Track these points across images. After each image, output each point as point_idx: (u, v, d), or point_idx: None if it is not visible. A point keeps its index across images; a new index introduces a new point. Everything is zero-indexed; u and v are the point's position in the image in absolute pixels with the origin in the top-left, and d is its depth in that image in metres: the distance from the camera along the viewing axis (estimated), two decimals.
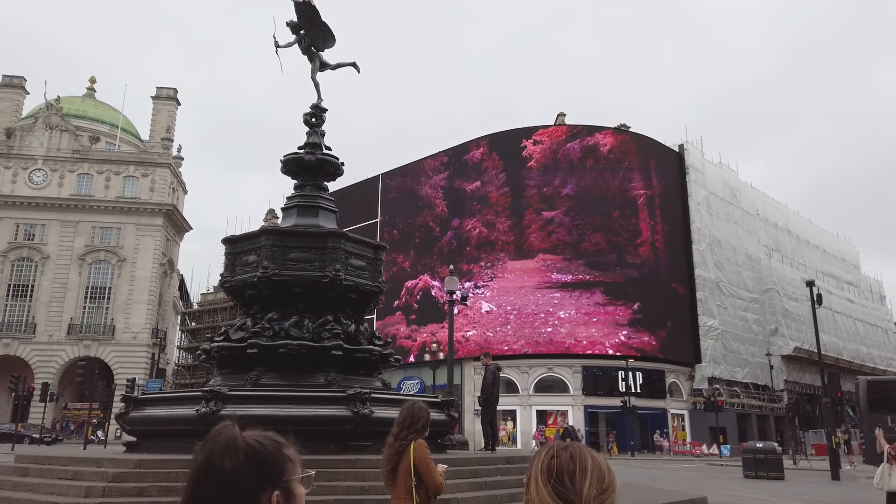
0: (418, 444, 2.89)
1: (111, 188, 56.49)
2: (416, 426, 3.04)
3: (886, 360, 76.80)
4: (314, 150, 12.40)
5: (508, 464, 9.80)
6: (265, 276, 10.67)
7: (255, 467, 1.36)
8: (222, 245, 11.61)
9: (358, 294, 11.42)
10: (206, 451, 1.38)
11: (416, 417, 3.08)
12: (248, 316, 11.24)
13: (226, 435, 1.40)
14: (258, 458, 1.38)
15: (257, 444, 1.40)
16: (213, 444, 1.39)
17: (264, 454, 1.39)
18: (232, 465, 1.35)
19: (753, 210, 61.07)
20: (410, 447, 2.93)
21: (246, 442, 1.40)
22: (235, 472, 1.34)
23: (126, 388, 36.53)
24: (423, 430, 3.02)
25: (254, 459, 1.37)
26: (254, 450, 1.39)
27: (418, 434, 2.98)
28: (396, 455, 2.73)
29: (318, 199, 12.24)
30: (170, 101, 62.35)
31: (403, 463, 2.88)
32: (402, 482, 2.81)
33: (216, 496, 1.33)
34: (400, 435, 2.90)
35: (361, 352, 10.94)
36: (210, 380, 11.17)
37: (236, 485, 1.34)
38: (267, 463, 1.39)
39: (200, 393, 9.16)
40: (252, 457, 1.37)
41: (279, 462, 1.41)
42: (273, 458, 1.40)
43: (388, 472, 2.82)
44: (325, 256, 10.98)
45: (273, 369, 10.46)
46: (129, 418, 10.06)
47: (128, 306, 54.58)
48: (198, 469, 1.37)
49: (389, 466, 2.75)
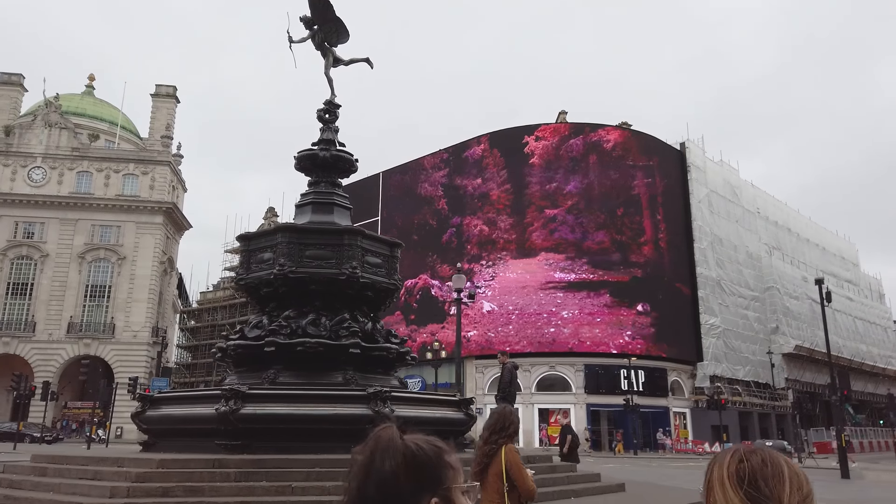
0: (510, 449, 2.80)
1: (111, 186, 56.23)
2: (507, 430, 2.94)
3: (886, 359, 76.94)
4: (328, 146, 12.29)
5: (528, 462, 9.69)
6: (282, 274, 10.57)
7: (413, 471, 1.31)
8: (237, 242, 11.49)
9: (374, 292, 11.32)
10: (368, 452, 1.35)
11: (507, 422, 2.98)
12: (263, 314, 11.12)
13: (386, 436, 1.37)
14: (417, 462, 1.32)
15: (416, 448, 1.34)
16: (373, 444, 1.36)
17: (423, 458, 1.33)
18: (391, 467, 1.30)
19: (754, 208, 61.09)
20: (501, 451, 2.83)
21: (405, 444, 1.35)
22: (394, 474, 1.30)
23: (129, 386, 36.38)
24: (514, 434, 2.93)
25: (413, 463, 1.32)
26: (412, 453, 1.33)
27: (509, 438, 2.89)
28: (486, 458, 2.64)
29: (333, 195, 12.13)
30: (169, 98, 62.08)
31: (494, 467, 2.78)
32: (493, 486, 2.71)
33: (375, 497, 1.30)
34: (490, 439, 2.80)
35: (379, 350, 10.84)
36: (226, 378, 11.04)
37: (394, 488, 1.30)
38: (426, 468, 1.33)
39: (219, 391, 9.05)
40: (411, 460, 1.32)
41: (439, 468, 1.33)
42: (433, 463, 1.33)
43: (477, 475, 2.73)
44: (341, 254, 10.87)
45: (290, 367, 10.36)
46: (145, 417, 9.95)
47: (128, 305, 54.34)
48: (359, 469, 1.34)
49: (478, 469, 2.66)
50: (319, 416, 9.01)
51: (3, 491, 7.80)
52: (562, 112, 53.55)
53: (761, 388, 54.71)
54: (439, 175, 54.65)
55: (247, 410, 8.86)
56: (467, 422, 10.69)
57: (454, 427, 10.59)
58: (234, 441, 8.89)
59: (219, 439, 8.93)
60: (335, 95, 12.86)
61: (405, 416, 9.39)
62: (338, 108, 12.81)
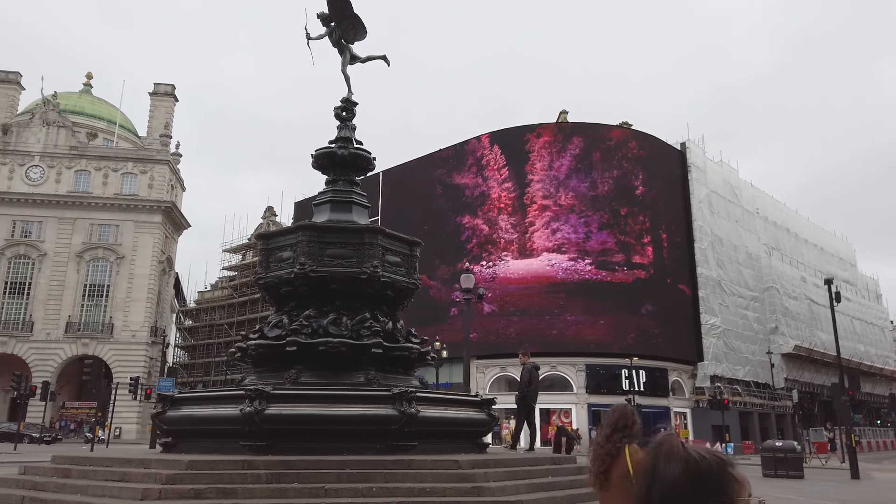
0: (635, 449, 2.70)
1: (109, 185, 55.99)
2: (630, 429, 2.84)
3: (883, 359, 77.24)
4: (346, 144, 12.18)
5: (555, 464, 9.62)
6: (302, 273, 10.44)
7: (695, 480, 1.36)
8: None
9: (394, 291, 11.22)
10: (652, 458, 1.44)
11: (630, 420, 2.88)
12: (282, 313, 10.99)
13: (668, 444, 1.44)
14: (699, 471, 1.37)
15: (699, 457, 1.40)
16: (657, 451, 1.44)
17: (706, 468, 1.38)
18: (672, 473, 1.37)
19: (753, 208, 61.19)
20: (626, 451, 2.72)
21: (687, 453, 1.41)
22: (675, 481, 1.36)
23: (130, 386, 36.18)
24: (638, 433, 2.82)
25: (694, 471, 1.37)
26: (695, 461, 1.39)
27: (632, 437, 2.79)
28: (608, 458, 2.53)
29: (352, 194, 12.03)
30: (168, 97, 61.84)
31: (619, 468, 2.68)
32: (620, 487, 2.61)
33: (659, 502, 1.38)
34: (612, 437, 2.69)
35: (400, 350, 10.73)
36: (245, 378, 10.92)
37: (676, 495, 1.36)
38: (708, 477, 1.37)
39: (243, 391, 8.92)
40: (693, 468, 1.38)
41: (722, 479, 1.37)
42: (715, 473, 1.37)
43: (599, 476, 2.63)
44: (362, 252, 10.76)
45: (312, 367, 10.24)
46: (166, 417, 9.81)
47: (126, 304, 54.11)
48: (644, 474, 1.43)
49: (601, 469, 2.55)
50: (344, 416, 8.90)
51: (27, 493, 7.67)
52: (563, 112, 53.50)
53: (761, 388, 54.80)
54: (439, 174, 54.50)
55: (272, 411, 8.74)
56: (489, 422, 10.59)
57: (477, 428, 10.50)
58: (258, 442, 8.77)
59: (243, 440, 8.81)
60: (352, 93, 12.75)
61: (430, 417, 9.31)
62: (355, 105, 12.71)
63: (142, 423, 53.75)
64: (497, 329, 46.32)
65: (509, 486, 7.53)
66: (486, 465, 8.23)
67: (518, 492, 7.45)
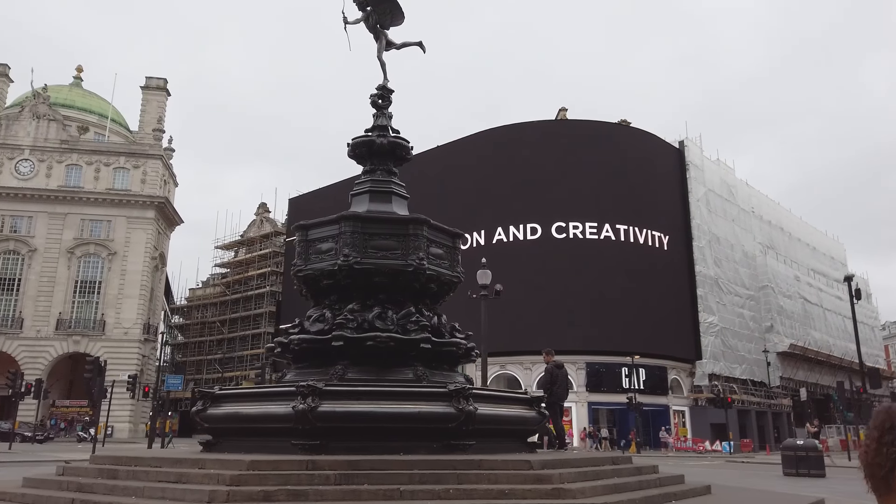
0: None
1: (101, 180, 55.06)
2: None
3: (873, 357, 77.76)
4: (384, 132, 11.76)
5: (615, 464, 9.27)
6: (346, 265, 10.02)
7: None
8: (296, 231, 10.93)
9: (438, 284, 10.82)
10: None
11: None
12: (323, 307, 10.55)
13: None
14: None
15: None
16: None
17: None
18: None
19: (749, 207, 61.34)
20: None
21: None
22: None
23: (128, 384, 35.50)
24: None
25: None
26: None
27: None
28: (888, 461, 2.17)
29: (391, 184, 11.60)
30: (159, 91, 60.94)
31: None
32: None
33: None
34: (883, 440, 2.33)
35: (448, 345, 10.34)
36: (286, 375, 10.48)
37: None
38: None
39: (294, 388, 8.48)
40: None
41: None
42: None
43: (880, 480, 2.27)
44: (406, 244, 10.35)
45: (357, 363, 9.83)
46: (207, 415, 9.36)
47: (118, 301, 53.24)
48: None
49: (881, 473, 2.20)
50: (400, 414, 8.50)
51: (75, 495, 7.20)
52: (561, 109, 53.31)
53: (757, 386, 54.95)
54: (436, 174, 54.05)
55: (325, 408, 8.32)
56: (539, 421, 10.23)
57: (529, 426, 10.14)
58: (311, 440, 8.35)
59: (295, 439, 8.39)
60: (388, 80, 12.33)
61: (486, 415, 8.93)
62: (391, 93, 12.28)
63: (134, 421, 52.98)
64: (496, 327, 45.92)
65: (587, 487, 7.18)
66: (556, 466, 7.87)
67: (596, 493, 7.10)
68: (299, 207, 61.47)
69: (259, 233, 67.82)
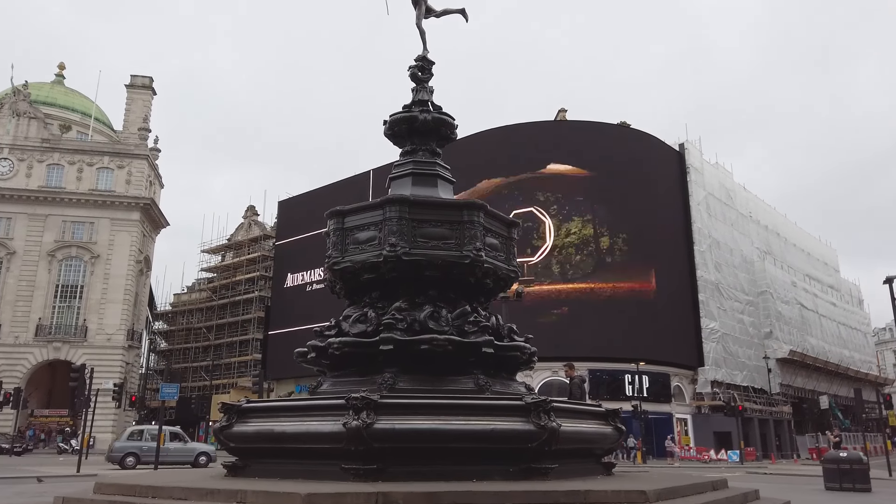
0: None
1: (84, 180, 53.01)
2: None
3: (867, 364, 77.48)
4: (425, 108, 10.37)
5: (715, 489, 7.92)
6: (394, 255, 8.59)
7: None
8: (330, 218, 9.47)
9: (494, 280, 9.42)
10: None
11: None
12: (363, 305, 9.11)
13: None
14: None
15: None
16: None
17: None
18: None
19: (746, 212, 60.57)
20: None
21: None
22: None
23: (113, 393, 33.65)
24: None
25: None
26: None
27: None
28: None
29: (435, 165, 10.21)
30: (145, 89, 59.00)
31: None
32: None
33: None
34: None
35: (512, 349, 8.96)
36: (321, 384, 9.00)
37: None
38: None
39: (344, 400, 7.03)
40: None
41: None
42: None
43: None
44: (461, 233, 8.94)
45: (408, 371, 8.40)
46: (233, 433, 7.87)
47: (101, 306, 51.14)
48: None
49: None
50: (472, 432, 7.07)
51: None
52: (561, 110, 52.17)
53: (758, 393, 53.98)
54: None
55: (382, 425, 6.88)
56: (618, 438, 8.85)
57: (608, 444, 8.75)
58: (366, 464, 6.91)
59: (346, 462, 6.94)
60: (427, 50, 10.96)
61: (569, 432, 7.54)
62: (432, 64, 10.91)
63: (117, 431, 50.77)
64: None
65: None
66: (670, 496, 6.48)
67: None
68: (289, 210, 59.75)
69: (247, 236, 65.94)
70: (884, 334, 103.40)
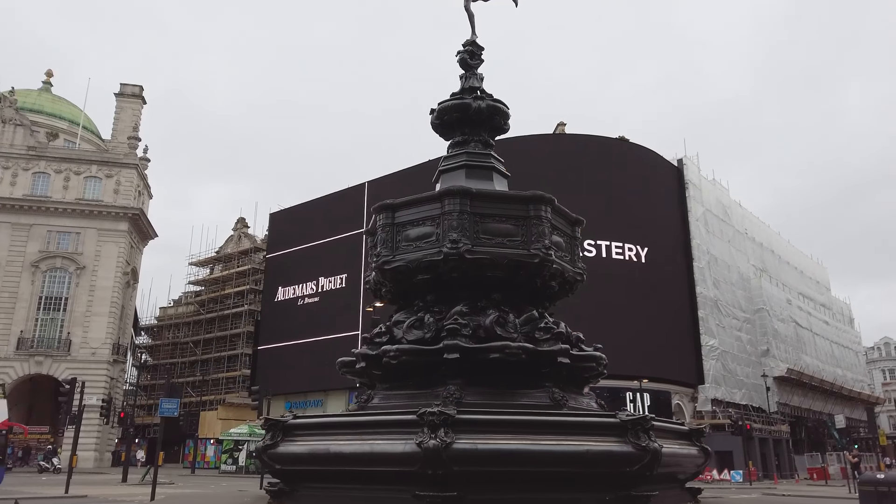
0: None
1: (70, 189, 51.55)
2: None
3: (859, 383, 77.25)
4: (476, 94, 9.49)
5: None
6: (456, 253, 7.64)
7: None
8: (379, 213, 8.51)
9: (560, 282, 8.51)
10: None
11: None
12: (417, 309, 8.15)
13: None
14: None
15: None
16: None
17: None
18: None
19: (742, 229, 60.34)
20: None
21: None
22: None
23: (101, 409, 32.17)
24: None
25: None
26: None
27: None
28: None
29: (490, 157, 9.32)
30: (135, 98, 57.77)
31: None
32: None
33: None
34: None
35: (588, 359, 8.03)
36: (372, 397, 7.98)
37: None
38: None
39: (415, 416, 6.05)
40: None
41: None
42: None
43: None
44: (528, 229, 8.04)
45: (473, 382, 7.42)
46: (278, 454, 6.84)
47: (87, 319, 49.52)
48: None
49: None
50: (563, 454, 6.10)
51: None
52: (560, 123, 51.63)
53: (756, 411, 53.33)
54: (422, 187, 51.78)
55: (463, 445, 5.92)
56: (704, 460, 7.90)
57: (695, 467, 7.81)
58: (445, 491, 5.92)
59: (421, 488, 5.94)
60: (476, 35, 10.12)
61: (671, 455, 6.60)
62: (482, 49, 10.05)
63: (100, 449, 49.10)
64: None
65: None
66: None
67: None
68: (281, 222, 58.50)
69: (237, 249, 64.57)
70: (872, 353, 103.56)
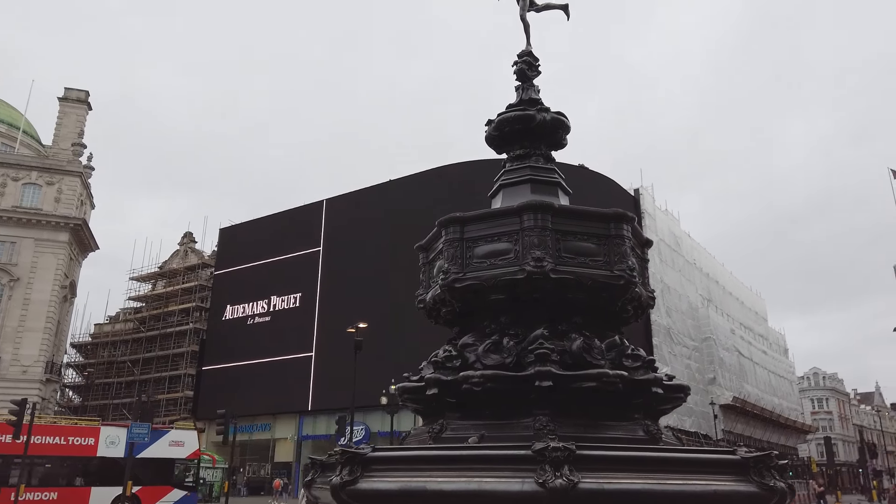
0: None
1: (7, 196, 48.60)
2: None
3: (794, 412, 79.82)
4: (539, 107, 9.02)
5: None
6: (540, 273, 7.07)
7: None
8: (445, 226, 7.90)
9: (636, 306, 8.04)
10: None
11: None
12: (484, 333, 7.51)
13: None
14: None
15: None
16: None
17: None
18: None
19: (691, 259, 61.88)
20: None
21: None
22: None
23: None
24: None
25: None
26: None
27: None
28: None
29: (554, 172, 8.82)
30: (80, 103, 55.22)
31: None
32: None
33: None
34: None
35: (677, 390, 7.53)
36: (445, 427, 7.25)
37: None
38: None
39: (529, 452, 5.42)
40: None
41: None
42: None
43: None
44: (610, 249, 7.53)
45: (562, 413, 6.83)
46: (363, 491, 6.02)
47: (19, 334, 46.43)
48: None
49: None
50: (690, 495, 5.55)
51: None
52: None
53: (704, 439, 54.18)
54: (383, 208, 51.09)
55: (588, 485, 5.32)
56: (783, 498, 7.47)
57: None
58: None
59: None
60: (531, 45, 9.68)
61: None
62: (538, 60, 9.61)
63: None
64: None
65: None
66: None
67: None
68: (231, 238, 56.64)
69: (183, 264, 62.08)
70: (802, 383, 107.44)
